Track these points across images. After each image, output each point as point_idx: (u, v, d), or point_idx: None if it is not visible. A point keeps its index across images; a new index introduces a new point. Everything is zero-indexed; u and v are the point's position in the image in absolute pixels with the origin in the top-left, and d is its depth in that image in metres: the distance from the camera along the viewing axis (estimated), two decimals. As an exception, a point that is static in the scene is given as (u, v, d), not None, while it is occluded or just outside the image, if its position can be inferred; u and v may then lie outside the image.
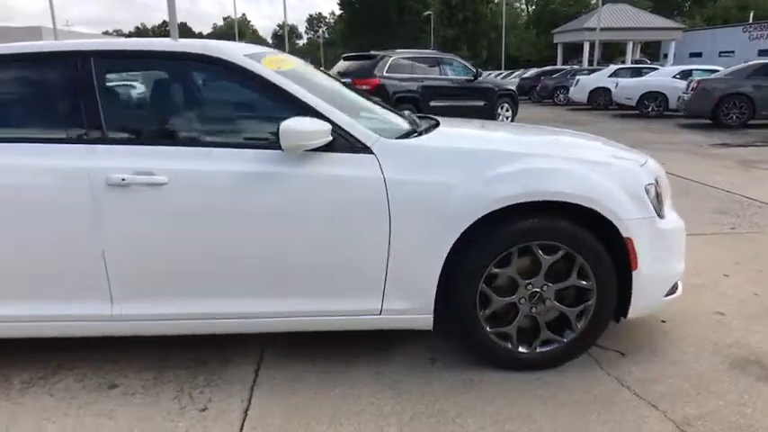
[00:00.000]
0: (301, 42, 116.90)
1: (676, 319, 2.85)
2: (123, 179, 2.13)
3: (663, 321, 2.86)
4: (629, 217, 2.27)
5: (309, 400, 2.24)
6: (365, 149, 2.24)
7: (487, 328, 2.36)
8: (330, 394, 2.28)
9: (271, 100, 2.29)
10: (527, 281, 2.33)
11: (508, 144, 2.66)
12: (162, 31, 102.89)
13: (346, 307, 2.32)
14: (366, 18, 65.28)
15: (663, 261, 2.39)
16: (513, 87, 11.78)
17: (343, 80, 3.92)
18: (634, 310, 2.40)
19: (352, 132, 2.25)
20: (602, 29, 30.21)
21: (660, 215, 2.37)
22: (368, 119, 2.84)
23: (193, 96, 2.55)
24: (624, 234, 2.27)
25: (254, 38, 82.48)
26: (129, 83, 2.54)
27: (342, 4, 73.23)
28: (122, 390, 2.33)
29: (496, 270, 2.29)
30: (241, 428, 2.08)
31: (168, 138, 2.38)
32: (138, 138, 2.33)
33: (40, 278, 2.23)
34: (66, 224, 2.17)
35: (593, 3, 43.33)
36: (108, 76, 2.32)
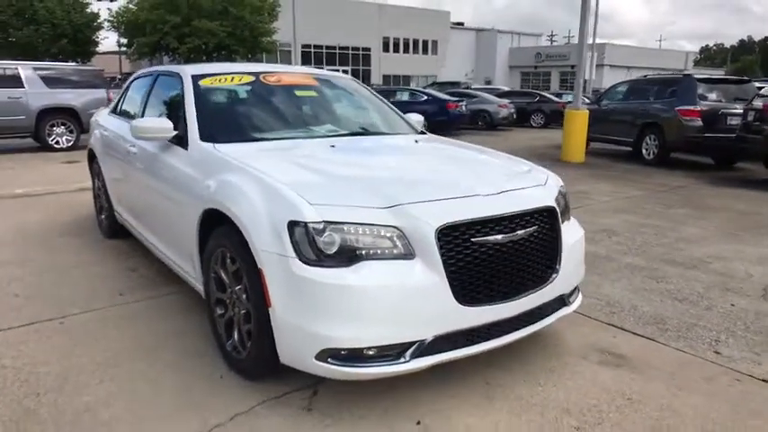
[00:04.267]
0: None
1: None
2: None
3: (417, 423, 2.18)
4: (263, 248, 2.15)
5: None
6: (186, 146, 2.95)
7: (217, 311, 2.65)
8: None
9: (181, 104, 3.26)
10: (230, 283, 2.50)
11: (282, 164, 2.59)
12: (765, 44, 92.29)
13: (181, 263, 3.09)
14: None
15: (302, 314, 2.08)
16: None
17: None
18: (282, 356, 2.19)
19: (188, 134, 2.99)
20: None
21: (305, 259, 2.07)
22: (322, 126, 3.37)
23: (162, 98, 3.75)
24: (258, 264, 2.16)
25: None
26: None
27: None
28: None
29: (215, 265, 2.58)
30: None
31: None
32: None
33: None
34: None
35: None
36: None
